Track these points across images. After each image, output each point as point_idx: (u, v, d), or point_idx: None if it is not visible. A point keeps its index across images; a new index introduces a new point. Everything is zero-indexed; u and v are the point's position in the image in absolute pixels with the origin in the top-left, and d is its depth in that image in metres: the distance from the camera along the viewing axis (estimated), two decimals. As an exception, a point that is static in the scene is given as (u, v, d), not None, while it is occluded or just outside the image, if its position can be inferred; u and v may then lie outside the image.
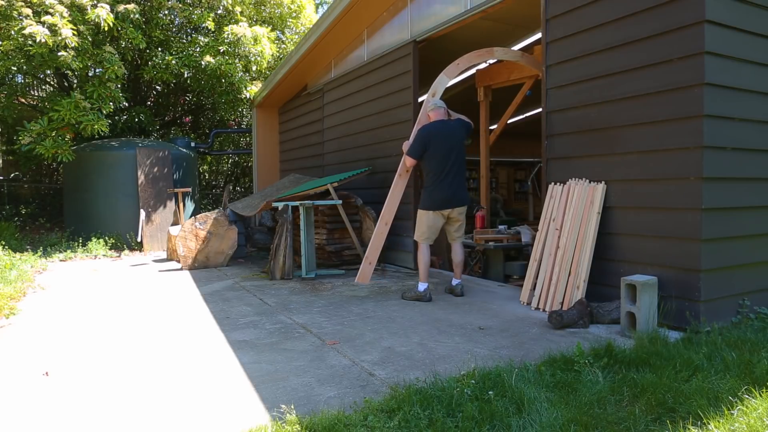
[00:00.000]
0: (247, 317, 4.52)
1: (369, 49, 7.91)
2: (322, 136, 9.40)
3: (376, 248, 5.41)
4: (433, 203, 5.04)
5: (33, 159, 11.84)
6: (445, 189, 4.98)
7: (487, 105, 7.75)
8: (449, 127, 5.10)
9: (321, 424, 2.34)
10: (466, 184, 5.25)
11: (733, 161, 3.91)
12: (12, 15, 8.52)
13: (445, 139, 4.99)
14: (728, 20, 3.82)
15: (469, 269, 6.98)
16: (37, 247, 9.09)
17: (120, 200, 9.80)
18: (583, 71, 4.54)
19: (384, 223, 5.37)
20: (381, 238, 5.40)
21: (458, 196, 5.04)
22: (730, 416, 2.37)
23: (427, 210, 5.09)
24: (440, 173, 4.98)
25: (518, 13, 6.32)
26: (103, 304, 5.16)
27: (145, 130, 12.27)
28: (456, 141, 5.03)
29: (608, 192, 4.37)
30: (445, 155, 4.96)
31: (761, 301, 4.11)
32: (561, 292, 4.40)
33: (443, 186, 4.98)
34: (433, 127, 5.07)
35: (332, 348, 3.61)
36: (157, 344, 3.78)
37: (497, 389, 2.65)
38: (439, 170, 4.98)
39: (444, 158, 4.96)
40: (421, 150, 5.04)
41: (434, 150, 4.98)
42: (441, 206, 5.03)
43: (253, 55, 11.14)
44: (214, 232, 7.34)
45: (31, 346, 3.77)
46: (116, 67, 9.20)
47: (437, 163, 4.98)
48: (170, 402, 2.74)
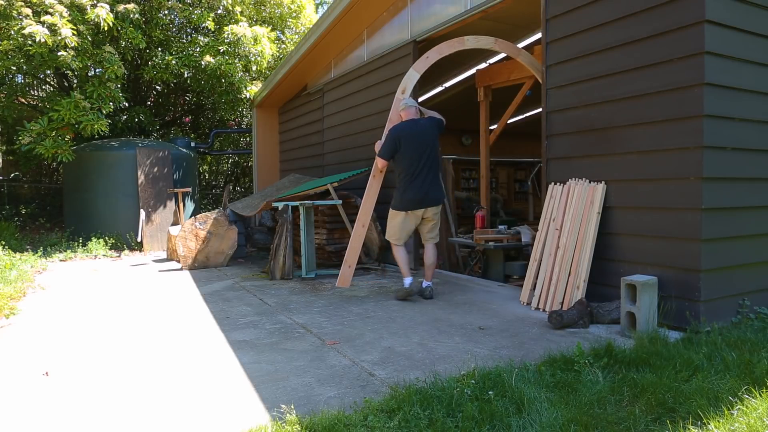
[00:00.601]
0: (247, 317, 4.52)
1: (369, 49, 7.91)
2: (322, 136, 9.40)
3: (355, 250, 5.37)
4: (403, 204, 5.00)
5: (33, 159, 11.84)
6: (416, 189, 4.94)
7: (487, 105, 7.75)
8: (420, 126, 5.05)
9: (321, 424, 2.34)
10: (440, 182, 5.20)
11: (733, 161, 3.91)
12: (12, 15, 8.52)
13: (416, 138, 4.94)
14: (728, 20, 3.81)
15: (469, 269, 6.98)
16: (37, 247, 9.09)
17: (120, 200, 9.79)
18: (583, 71, 4.54)
19: (361, 225, 5.32)
20: (359, 240, 5.36)
21: (431, 195, 4.99)
22: (730, 416, 2.37)
23: (398, 210, 5.05)
24: (412, 173, 4.94)
25: (518, 13, 6.32)
26: (104, 304, 5.16)
27: (145, 130, 12.27)
28: (428, 140, 4.99)
29: (608, 192, 4.37)
30: (417, 155, 4.92)
31: (761, 301, 4.11)
32: (561, 292, 4.40)
33: (414, 186, 4.94)
34: (403, 128, 5.02)
35: (332, 348, 3.61)
36: (157, 344, 3.78)
37: (497, 389, 2.65)
38: (411, 170, 4.94)
39: (415, 158, 4.92)
40: (392, 151, 5.00)
41: (405, 150, 4.93)
42: (413, 206, 4.99)
43: (253, 55, 11.14)
44: (214, 232, 7.34)
45: (31, 346, 3.77)
46: (116, 67, 9.20)
47: (409, 163, 4.94)
48: (170, 402, 2.74)
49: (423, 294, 5.10)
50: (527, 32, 7.55)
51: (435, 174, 5.06)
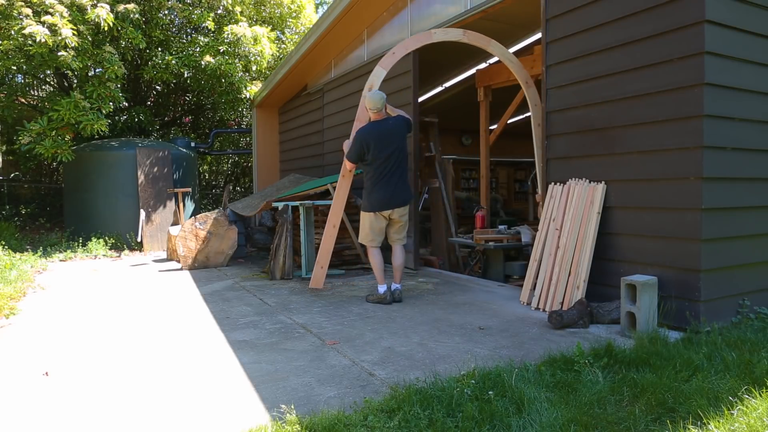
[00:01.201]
0: (247, 317, 4.52)
1: (369, 49, 7.91)
2: (322, 136, 9.40)
3: (327, 252, 5.31)
4: (372, 204, 4.96)
5: (33, 159, 11.83)
6: (384, 189, 4.91)
7: (487, 105, 7.75)
8: (388, 126, 4.98)
9: (321, 424, 2.34)
10: (408, 183, 5.15)
11: (733, 161, 3.91)
12: (12, 15, 8.51)
13: (383, 139, 4.89)
14: (728, 20, 3.81)
15: (469, 269, 6.98)
16: (37, 247, 9.09)
17: (120, 200, 9.79)
18: (583, 71, 4.54)
19: (331, 225, 5.26)
20: (330, 241, 5.30)
21: (398, 195, 4.96)
22: (730, 416, 2.37)
23: (368, 212, 5.01)
24: (380, 174, 4.91)
25: (518, 13, 6.32)
26: (103, 304, 5.16)
27: (145, 130, 12.27)
28: (396, 139, 4.95)
29: (608, 192, 4.37)
30: (385, 156, 4.89)
31: (761, 301, 4.11)
32: (561, 292, 4.40)
33: (382, 186, 4.91)
34: (370, 130, 4.95)
35: (332, 348, 3.61)
36: (157, 344, 3.78)
37: (497, 389, 2.65)
38: (379, 171, 4.90)
39: (384, 159, 4.89)
40: (360, 153, 4.95)
41: (373, 151, 4.88)
42: (381, 207, 4.95)
43: (253, 55, 11.14)
44: (214, 232, 7.34)
45: (31, 346, 3.77)
46: (116, 67, 9.20)
47: (377, 164, 4.90)
48: (170, 402, 2.74)
49: (393, 296, 4.97)
50: (527, 32, 7.55)
51: (403, 175, 5.03)
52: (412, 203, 5.50)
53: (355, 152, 5.00)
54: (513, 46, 8.00)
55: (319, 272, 5.36)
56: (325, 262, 5.36)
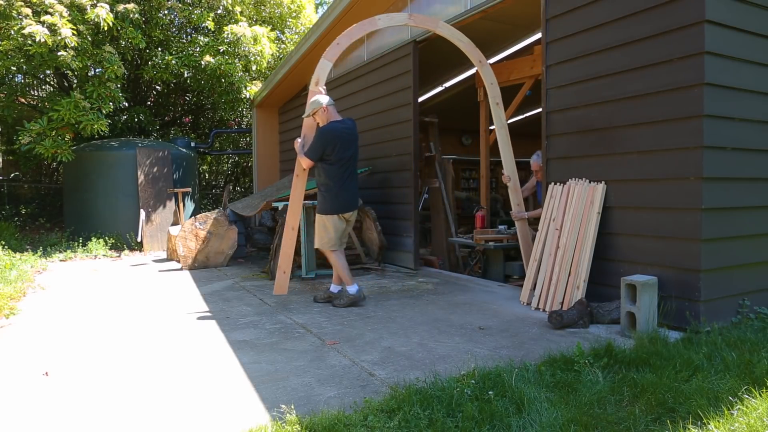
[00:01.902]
0: (247, 317, 4.52)
1: (369, 49, 7.91)
2: (322, 136, 9.38)
3: (288, 256, 5.16)
4: (339, 206, 4.87)
5: (33, 159, 11.83)
6: (349, 192, 4.90)
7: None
8: (349, 127, 4.95)
9: (321, 424, 2.34)
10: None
11: (733, 161, 3.91)
12: (12, 15, 8.52)
13: (346, 140, 4.85)
14: (728, 20, 3.82)
15: (469, 269, 6.98)
16: (37, 247, 9.09)
17: (120, 200, 9.79)
18: (583, 71, 4.54)
19: (290, 228, 5.12)
20: (291, 244, 5.14)
21: (356, 197, 5.00)
22: (730, 416, 2.37)
23: (332, 215, 4.88)
24: (343, 176, 4.86)
25: (518, 13, 6.33)
26: (103, 304, 5.16)
27: (145, 130, 12.27)
28: (355, 141, 4.97)
29: (608, 192, 4.37)
30: (348, 156, 4.87)
31: (761, 301, 4.11)
32: (561, 292, 4.40)
33: (346, 188, 4.88)
34: (336, 128, 4.83)
35: (332, 348, 3.61)
36: (157, 344, 3.78)
37: (497, 389, 2.65)
38: (342, 172, 4.85)
39: (347, 159, 4.86)
40: (324, 150, 4.80)
41: (338, 151, 4.79)
42: (348, 208, 4.92)
43: (253, 54, 11.14)
44: (214, 232, 7.34)
45: (31, 346, 3.77)
46: (116, 67, 9.20)
47: (340, 165, 4.82)
48: (170, 402, 2.74)
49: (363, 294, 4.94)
50: (527, 32, 7.56)
51: (357, 178, 5.10)
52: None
53: (320, 150, 4.81)
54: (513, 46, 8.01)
55: (282, 277, 5.24)
56: (287, 267, 5.21)
